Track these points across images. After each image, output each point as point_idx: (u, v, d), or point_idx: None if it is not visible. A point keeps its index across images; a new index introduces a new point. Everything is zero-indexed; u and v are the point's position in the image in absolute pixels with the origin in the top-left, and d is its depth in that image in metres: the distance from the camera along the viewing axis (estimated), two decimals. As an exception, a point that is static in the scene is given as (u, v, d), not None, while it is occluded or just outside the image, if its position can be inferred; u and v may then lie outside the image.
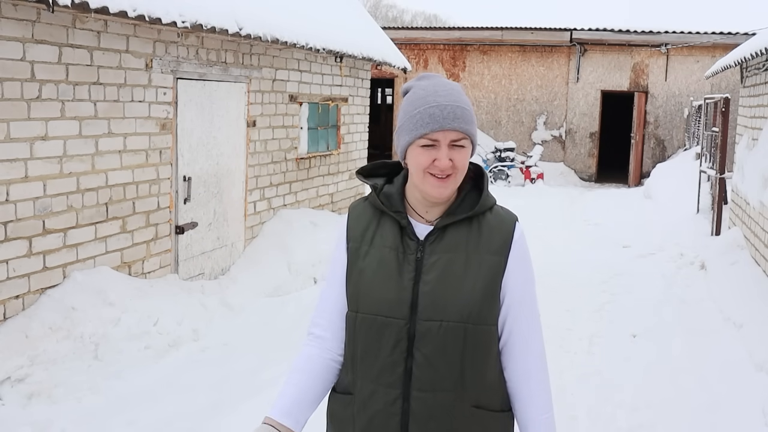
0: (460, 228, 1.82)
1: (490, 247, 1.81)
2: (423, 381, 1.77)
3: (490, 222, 1.84)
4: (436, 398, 1.77)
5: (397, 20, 56.37)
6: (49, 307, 4.86)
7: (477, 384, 1.81)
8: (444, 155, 1.75)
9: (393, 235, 1.84)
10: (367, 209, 1.91)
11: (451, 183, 1.78)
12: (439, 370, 1.77)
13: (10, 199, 4.68)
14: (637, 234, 10.53)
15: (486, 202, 1.85)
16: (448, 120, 1.74)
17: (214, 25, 5.93)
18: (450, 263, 1.79)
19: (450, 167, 1.76)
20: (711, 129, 11.34)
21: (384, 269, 1.81)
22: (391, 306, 1.79)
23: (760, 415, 4.44)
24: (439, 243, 1.81)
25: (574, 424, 4.45)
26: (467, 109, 1.78)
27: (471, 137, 1.79)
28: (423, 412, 1.78)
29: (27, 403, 4.31)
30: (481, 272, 1.79)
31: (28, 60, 4.74)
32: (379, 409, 1.80)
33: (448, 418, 1.79)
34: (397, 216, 1.84)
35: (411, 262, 1.80)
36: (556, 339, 6.05)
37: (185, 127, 6.39)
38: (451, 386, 1.78)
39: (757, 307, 6.22)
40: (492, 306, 1.80)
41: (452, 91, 1.79)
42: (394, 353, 1.78)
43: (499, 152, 17.14)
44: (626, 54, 18.33)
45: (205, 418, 4.36)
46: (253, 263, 7.32)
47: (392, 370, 1.79)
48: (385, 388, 1.79)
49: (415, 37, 19.54)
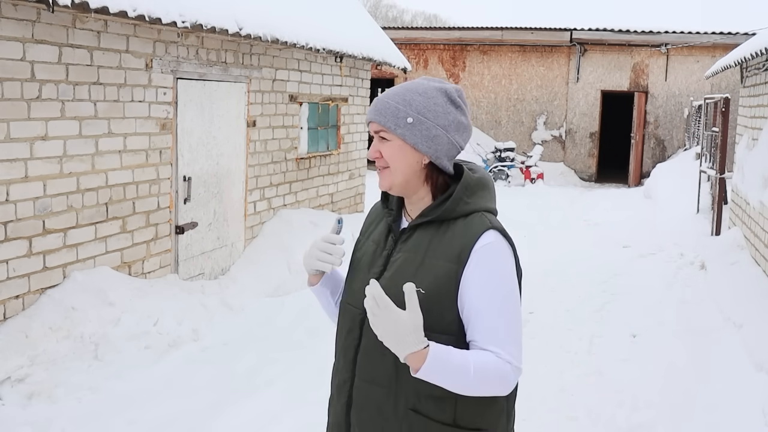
0: (428, 230, 1.85)
1: (447, 253, 1.78)
2: (363, 371, 1.85)
3: (457, 229, 1.81)
4: (371, 390, 1.83)
5: (397, 20, 56.40)
6: (49, 307, 4.86)
7: (415, 387, 1.76)
8: (372, 146, 1.88)
9: (382, 231, 1.96)
10: (379, 208, 2.04)
11: (386, 175, 1.86)
12: (375, 363, 1.82)
13: (10, 199, 4.68)
14: (637, 234, 10.53)
15: (455, 207, 1.82)
16: (371, 112, 1.86)
17: (214, 25, 5.93)
18: (405, 263, 1.83)
19: (380, 159, 1.86)
20: (711, 129, 11.35)
21: (363, 262, 1.95)
22: (354, 295, 1.90)
23: (760, 415, 4.44)
24: (407, 242, 1.87)
25: (574, 424, 4.46)
26: (391, 104, 1.83)
27: (389, 130, 1.82)
28: (359, 400, 1.86)
29: (27, 403, 4.31)
30: (428, 277, 1.77)
31: (28, 60, 4.74)
32: (336, 385, 1.95)
33: (378, 413, 1.82)
34: (387, 214, 1.96)
35: (383, 258, 1.90)
36: (556, 339, 6.06)
37: (185, 127, 6.39)
38: (386, 382, 1.80)
39: (757, 307, 6.22)
40: (438, 313, 1.75)
41: (397, 88, 1.87)
42: (348, 339, 1.91)
43: (499, 152, 17.14)
44: (626, 54, 18.33)
45: (205, 418, 4.36)
46: (253, 263, 7.32)
47: (345, 354, 1.91)
48: (342, 367, 1.92)
49: (415, 37, 19.55)
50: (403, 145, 1.83)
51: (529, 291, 7.62)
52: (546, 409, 4.66)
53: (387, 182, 1.87)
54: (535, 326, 6.42)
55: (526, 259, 9.11)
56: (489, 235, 1.78)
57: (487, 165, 17.18)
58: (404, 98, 1.83)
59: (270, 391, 4.79)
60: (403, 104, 1.82)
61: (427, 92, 1.84)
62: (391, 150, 1.84)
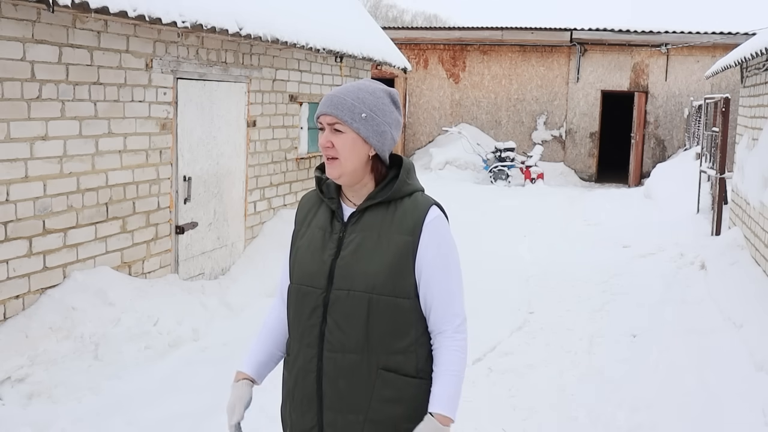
0: (378, 211, 2.08)
1: (402, 228, 2.05)
2: (333, 343, 2.05)
3: (405, 206, 2.08)
4: (345, 359, 2.04)
5: (397, 20, 56.32)
6: (49, 307, 4.86)
7: (384, 348, 2.04)
8: (324, 137, 2.06)
9: (325, 218, 2.14)
10: (312, 198, 2.22)
11: (336, 165, 2.05)
12: (346, 333, 2.03)
13: (10, 199, 4.68)
14: (637, 234, 10.53)
15: (402, 188, 2.09)
16: (324, 105, 2.05)
17: (214, 25, 5.93)
18: (363, 241, 2.06)
19: (330, 149, 2.05)
20: (711, 129, 11.34)
21: (312, 247, 2.12)
22: (312, 278, 2.09)
23: (760, 415, 4.44)
24: (358, 224, 2.08)
25: (574, 424, 4.46)
26: (346, 100, 2.04)
27: (345, 123, 2.03)
28: (332, 371, 2.05)
29: (27, 403, 4.31)
30: (389, 249, 2.04)
31: (28, 60, 4.74)
32: (300, 366, 2.11)
33: (354, 378, 2.04)
34: (330, 202, 2.14)
35: (334, 241, 2.09)
36: (556, 339, 6.05)
37: (185, 127, 6.39)
38: (357, 348, 2.03)
39: (756, 307, 6.21)
40: (398, 279, 2.03)
41: (349, 86, 2.08)
42: (311, 317, 2.08)
43: (499, 152, 17.12)
44: (626, 54, 18.33)
45: (205, 418, 4.36)
46: (254, 263, 7.32)
47: (310, 332, 2.08)
48: (305, 348, 2.09)
49: (415, 37, 19.54)
50: (356, 138, 2.05)
51: (529, 291, 7.63)
52: (546, 409, 4.66)
53: (337, 172, 2.06)
54: (535, 326, 6.42)
55: (526, 259, 9.14)
56: (434, 210, 2.09)
57: (487, 165, 17.18)
58: (358, 96, 2.05)
59: (270, 391, 4.78)
60: (358, 101, 2.05)
61: (376, 92, 2.09)
62: (344, 141, 2.04)
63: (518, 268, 8.51)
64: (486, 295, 7.01)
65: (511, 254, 9.32)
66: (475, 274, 7.21)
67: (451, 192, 13.48)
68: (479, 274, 7.59)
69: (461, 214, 10.46)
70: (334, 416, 2.07)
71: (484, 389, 4.94)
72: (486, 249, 9.20)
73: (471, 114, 19.28)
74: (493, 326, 6.12)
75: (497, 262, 8.62)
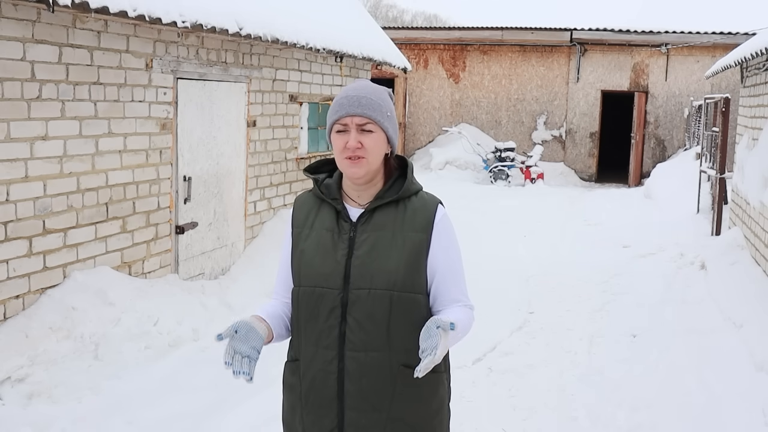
0: (388, 210, 2.11)
1: (414, 225, 2.09)
2: (355, 342, 2.04)
3: (414, 205, 2.12)
4: (367, 357, 2.04)
5: (397, 20, 56.32)
6: (49, 307, 4.86)
7: (404, 345, 2.05)
8: (353, 137, 2.04)
9: (330, 218, 2.13)
10: (310, 199, 2.20)
11: (363, 164, 2.06)
12: (369, 332, 2.04)
13: (10, 199, 4.68)
14: (637, 234, 10.53)
15: (410, 187, 2.13)
16: (353, 107, 2.04)
17: (214, 25, 5.93)
18: (378, 240, 2.07)
19: (359, 149, 2.04)
20: (711, 129, 11.34)
21: (321, 248, 2.10)
22: (327, 278, 2.07)
23: (760, 415, 4.44)
24: (369, 223, 2.09)
25: (574, 424, 4.46)
26: (373, 100, 2.07)
27: (377, 122, 2.06)
28: (356, 370, 2.04)
29: (27, 403, 4.31)
30: (405, 247, 2.06)
31: (28, 60, 4.74)
32: (319, 368, 2.08)
33: (378, 375, 2.05)
34: (334, 202, 2.13)
35: (345, 241, 2.09)
36: (556, 339, 6.06)
37: (185, 127, 6.39)
38: (380, 346, 2.04)
39: (756, 307, 6.21)
40: (416, 276, 2.07)
41: (365, 87, 2.10)
42: (329, 318, 2.06)
43: (500, 152, 17.12)
44: (626, 54, 18.33)
45: (205, 418, 4.36)
46: (254, 263, 7.32)
47: (329, 333, 2.06)
48: (323, 350, 2.07)
49: (415, 37, 19.54)
50: (384, 137, 2.09)
51: (529, 291, 7.63)
52: (546, 409, 4.66)
53: (363, 170, 2.07)
54: (535, 326, 6.42)
55: (526, 259, 9.13)
56: (441, 209, 2.16)
57: (487, 165, 17.18)
58: (377, 96, 2.09)
59: (270, 391, 4.78)
60: (382, 101, 2.09)
61: (383, 92, 2.12)
62: (375, 141, 2.06)
63: (518, 268, 8.50)
64: (486, 294, 7.00)
65: (511, 254, 9.31)
66: (476, 274, 7.19)
67: (452, 192, 13.47)
68: (479, 274, 7.58)
69: (461, 214, 10.45)
70: (356, 416, 2.06)
71: (484, 389, 4.94)
72: (486, 249, 9.20)
73: (471, 114, 19.28)
74: (493, 326, 6.11)
75: (497, 262, 8.62)
